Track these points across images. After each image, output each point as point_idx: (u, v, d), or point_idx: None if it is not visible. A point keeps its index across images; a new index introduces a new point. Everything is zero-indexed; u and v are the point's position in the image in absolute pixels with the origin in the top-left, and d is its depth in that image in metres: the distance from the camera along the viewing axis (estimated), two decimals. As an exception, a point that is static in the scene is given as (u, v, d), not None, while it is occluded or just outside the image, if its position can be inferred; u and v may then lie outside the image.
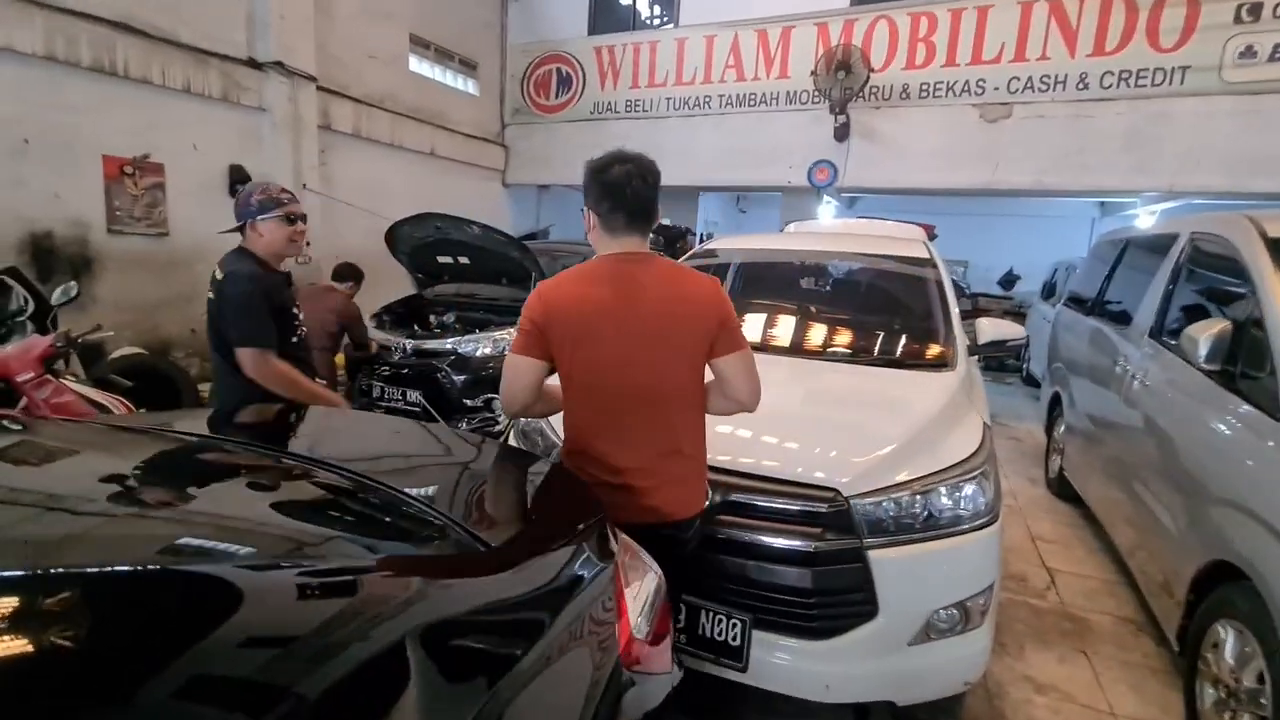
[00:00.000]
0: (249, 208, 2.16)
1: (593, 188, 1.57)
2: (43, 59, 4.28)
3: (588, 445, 1.60)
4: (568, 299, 1.53)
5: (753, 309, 3.48)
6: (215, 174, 5.44)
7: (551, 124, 8.80)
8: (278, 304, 2.16)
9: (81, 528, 0.97)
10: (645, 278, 1.54)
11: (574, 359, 1.54)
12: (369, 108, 6.78)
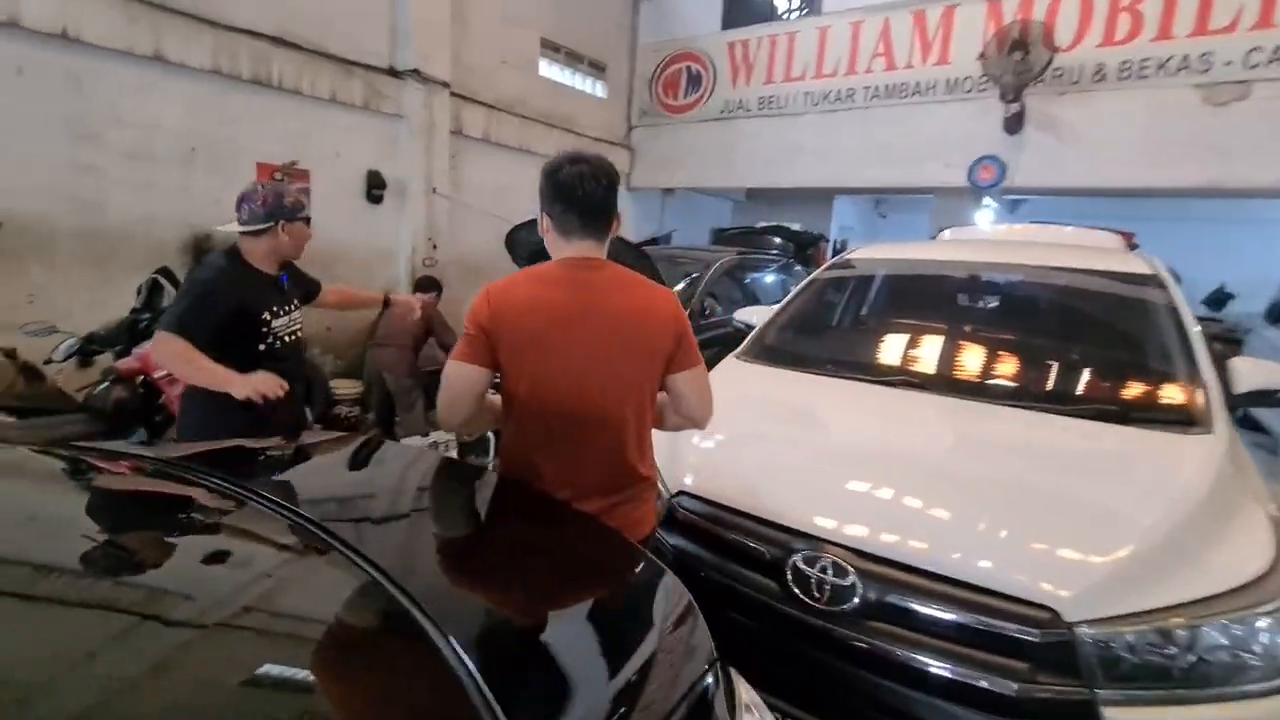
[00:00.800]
0: (283, 208, 2.17)
1: (546, 188, 1.45)
2: (209, 73, 4.59)
3: (532, 465, 1.48)
4: (518, 303, 1.42)
5: (899, 331, 2.90)
6: (354, 179, 5.65)
7: (679, 125, 8.48)
8: (245, 305, 2.10)
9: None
10: (601, 285, 1.44)
11: (521, 369, 1.43)
12: (499, 113, 6.83)
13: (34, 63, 3.88)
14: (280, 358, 2.20)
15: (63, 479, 1.29)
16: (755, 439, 2.09)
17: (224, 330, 2.05)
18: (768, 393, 2.48)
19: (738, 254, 6.24)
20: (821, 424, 2.22)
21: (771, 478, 1.83)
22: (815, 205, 10.12)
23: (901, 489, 1.71)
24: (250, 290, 2.14)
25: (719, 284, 5.81)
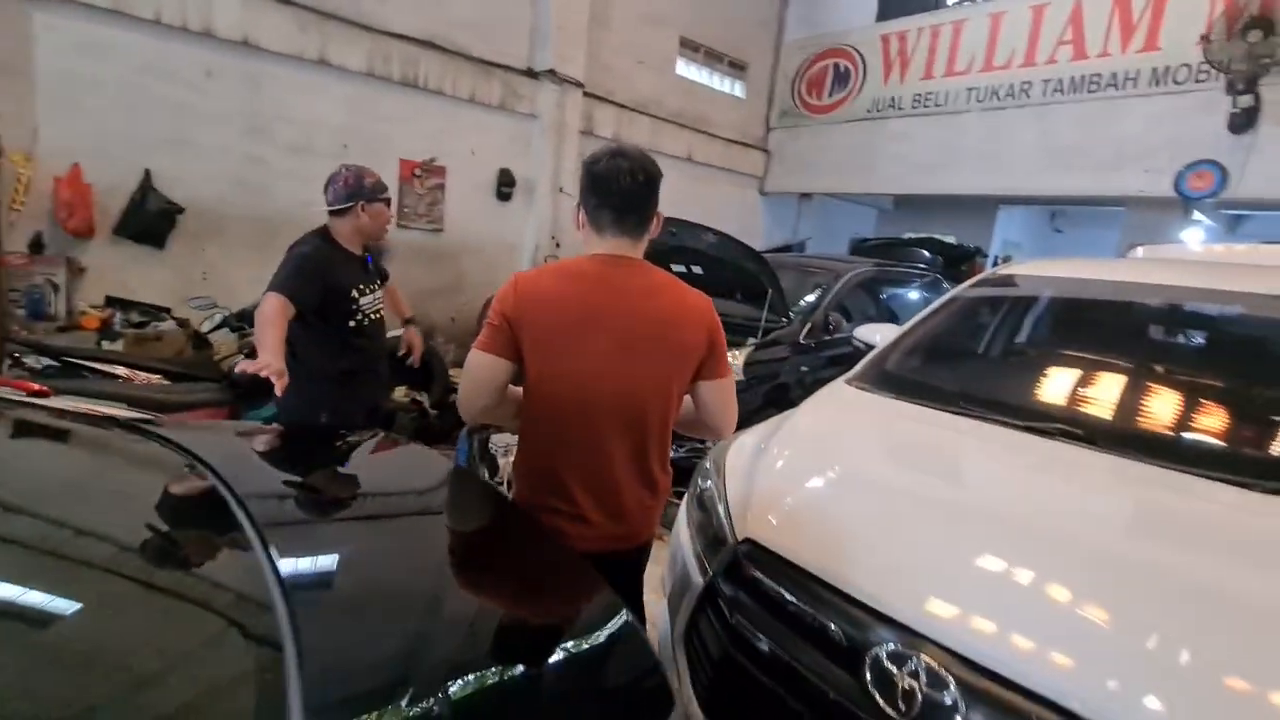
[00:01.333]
0: (363, 188, 2.23)
1: (583, 181, 1.41)
2: (364, 75, 4.94)
3: (549, 462, 1.42)
4: (546, 295, 1.37)
5: (1065, 365, 2.35)
6: (487, 177, 5.85)
7: (820, 125, 7.95)
8: (338, 280, 2.19)
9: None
10: (633, 284, 1.39)
11: (542, 363, 1.37)
12: (630, 113, 6.78)
13: (220, 66, 4.37)
14: (367, 335, 2.32)
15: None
16: (854, 487, 1.72)
17: (324, 304, 2.15)
18: (880, 430, 2.08)
19: (874, 265, 5.67)
20: (944, 477, 1.80)
21: (866, 540, 1.47)
22: (974, 216, 9.05)
23: (1043, 579, 1.29)
24: (341, 267, 2.23)
25: (851, 298, 5.30)
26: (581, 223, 1.44)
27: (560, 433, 1.40)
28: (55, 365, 3.10)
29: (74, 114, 3.93)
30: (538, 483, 1.45)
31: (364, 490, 1.44)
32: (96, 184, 4.00)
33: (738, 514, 1.65)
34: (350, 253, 2.30)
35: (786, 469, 1.83)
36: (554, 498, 1.42)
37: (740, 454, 1.95)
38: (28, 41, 3.74)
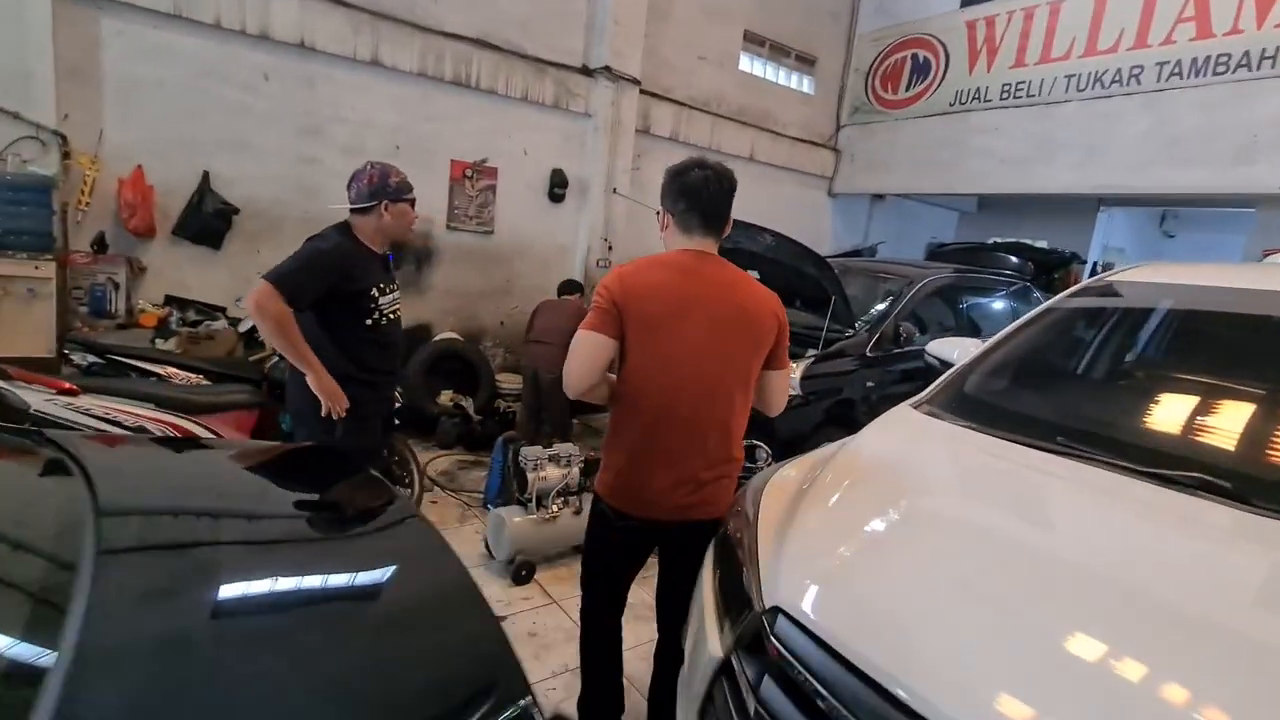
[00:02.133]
0: (388, 188, 2.16)
1: (671, 188, 1.61)
2: (416, 76, 4.89)
3: (647, 439, 1.60)
4: (648, 284, 1.56)
5: (1192, 394, 1.90)
6: (539, 178, 5.71)
7: (896, 121, 7.40)
8: (357, 278, 2.11)
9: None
10: (720, 276, 1.61)
11: (645, 346, 1.56)
12: (690, 110, 6.50)
13: (277, 69, 4.41)
14: (384, 334, 2.23)
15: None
16: (918, 548, 1.37)
17: (334, 301, 2.07)
18: (954, 470, 1.71)
19: (954, 271, 5.14)
20: (1038, 540, 1.42)
21: (932, 624, 1.13)
22: (1071, 218, 8.21)
23: (1162, 675, 0.93)
24: (360, 264, 2.14)
25: (926, 307, 4.82)
26: (666, 224, 1.65)
27: (657, 407, 1.58)
28: (100, 362, 3.12)
29: (137, 117, 4.03)
30: (633, 455, 1.63)
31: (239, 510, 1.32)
32: (157, 185, 4.09)
33: (768, 571, 1.34)
34: (371, 251, 2.22)
35: (833, 518, 1.50)
36: (647, 469, 1.61)
37: (780, 491, 1.63)
38: (96, 47, 3.86)
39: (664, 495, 1.62)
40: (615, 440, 1.69)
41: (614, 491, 1.70)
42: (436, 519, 3.65)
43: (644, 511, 1.65)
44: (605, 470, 1.72)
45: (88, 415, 2.59)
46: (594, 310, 1.57)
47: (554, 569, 3.21)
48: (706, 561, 1.67)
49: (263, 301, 1.95)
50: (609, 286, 1.56)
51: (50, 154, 3.74)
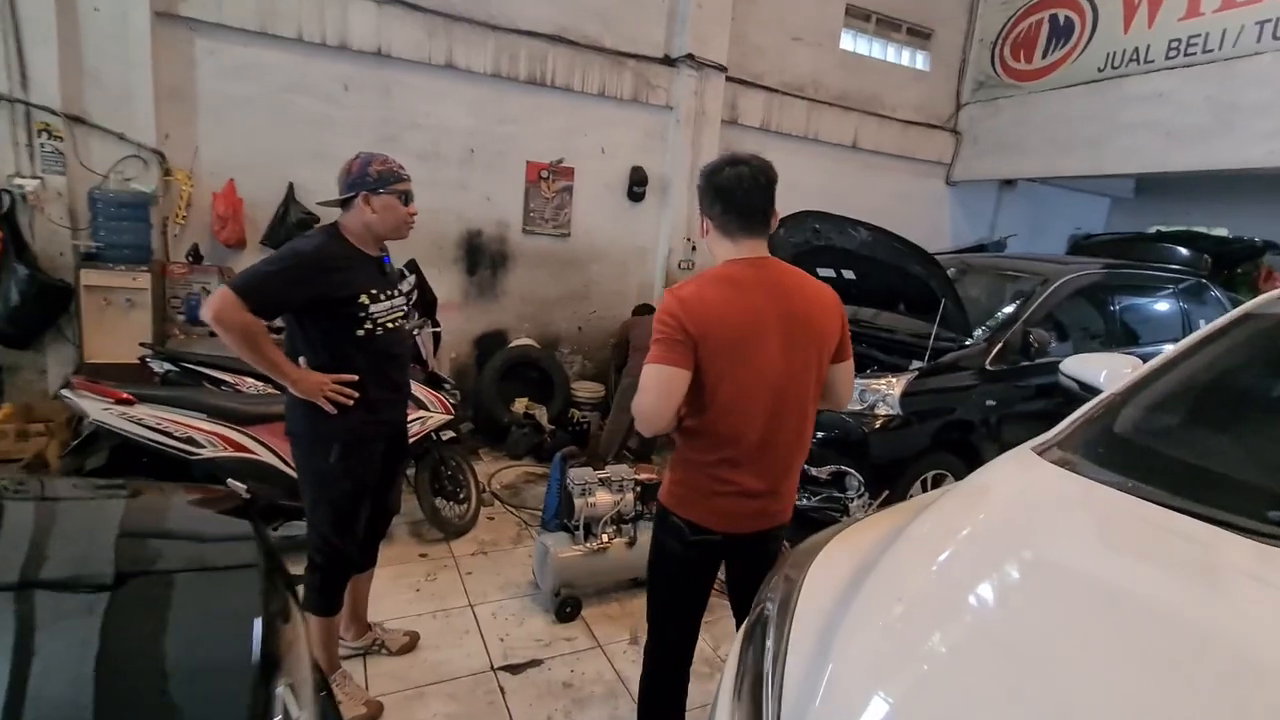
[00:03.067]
0: (366, 178, 1.91)
1: (706, 192, 1.55)
2: (490, 77, 4.78)
3: (729, 457, 1.55)
4: (716, 306, 1.48)
5: None
6: (617, 177, 5.44)
7: (1030, 95, 6.41)
8: (339, 284, 1.86)
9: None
10: (782, 282, 1.54)
11: (722, 370, 1.49)
12: (783, 96, 5.95)
13: (355, 78, 4.45)
14: (380, 346, 1.99)
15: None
16: (1034, 704, 0.89)
17: (318, 310, 1.87)
18: (1099, 563, 1.17)
19: (1103, 267, 4.27)
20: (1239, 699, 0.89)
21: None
22: (1261, 201, 6.76)
23: None
24: (347, 269, 1.90)
25: (1066, 311, 4.01)
26: (706, 230, 1.58)
27: (737, 426, 1.52)
28: (176, 370, 3.19)
29: (228, 133, 4.19)
30: (714, 477, 1.56)
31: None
32: (246, 198, 4.23)
33: (793, 711, 0.92)
34: (361, 252, 1.97)
35: (897, 635, 1.04)
36: (731, 483, 1.56)
37: (826, 582, 1.19)
38: (191, 66, 4.05)
39: (745, 510, 1.59)
40: (690, 463, 1.61)
41: (689, 505, 1.61)
42: (491, 537, 3.46)
43: (725, 525, 1.59)
44: (678, 485, 1.64)
45: (140, 425, 2.61)
46: (661, 341, 1.45)
47: (603, 605, 2.89)
48: (736, 639, 1.30)
49: (222, 312, 1.73)
50: (674, 314, 1.45)
51: (151, 171, 3.96)
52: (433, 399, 3.25)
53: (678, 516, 1.61)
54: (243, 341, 1.78)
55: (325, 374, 1.91)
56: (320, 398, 1.90)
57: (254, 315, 1.78)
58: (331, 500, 2.02)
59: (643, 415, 1.49)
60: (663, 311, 1.47)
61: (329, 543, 2.05)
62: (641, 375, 1.48)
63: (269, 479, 2.76)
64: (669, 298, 1.48)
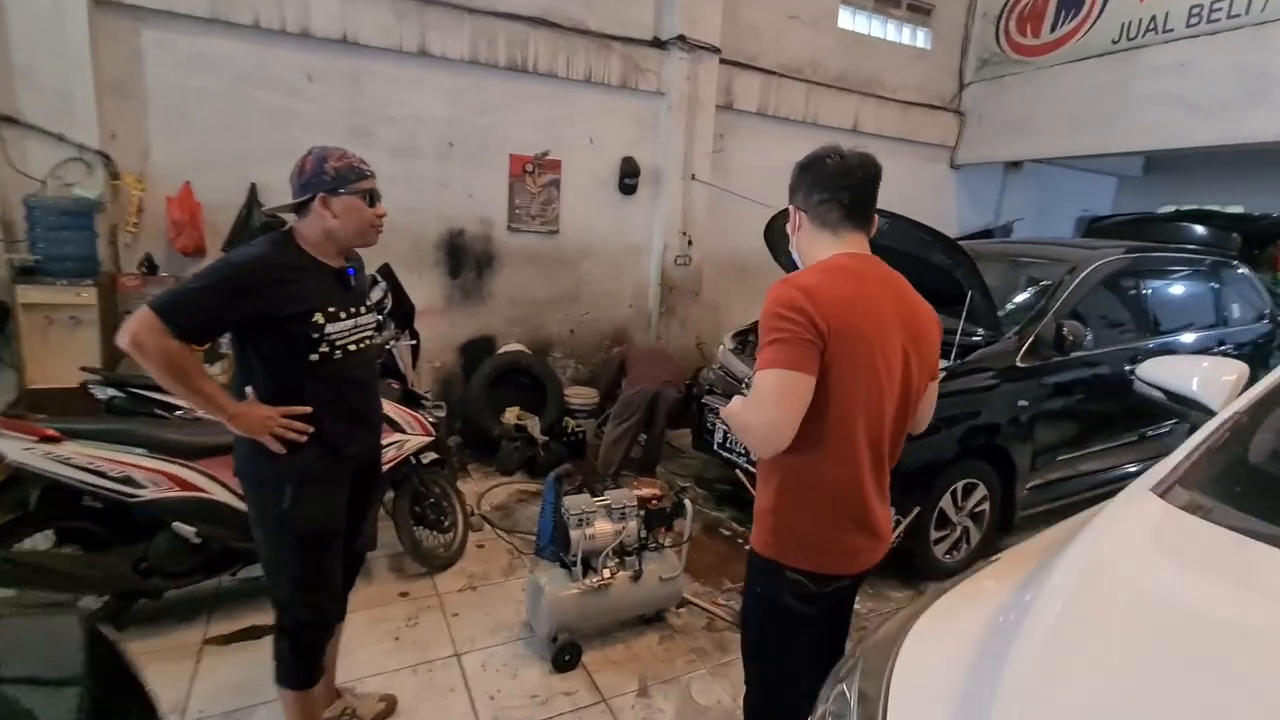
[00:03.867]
0: (322, 177, 1.60)
1: (803, 180, 1.39)
2: (468, 64, 4.43)
3: (849, 482, 1.32)
4: (844, 301, 1.25)
5: None
6: (607, 168, 5.10)
7: (1038, 71, 6.10)
8: (286, 300, 1.56)
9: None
10: (890, 281, 1.37)
11: (846, 376, 1.25)
12: (780, 79, 5.62)
13: (320, 68, 4.09)
14: (338, 373, 1.69)
15: None
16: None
17: (263, 331, 1.57)
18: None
19: (1127, 251, 3.96)
20: None
21: None
22: (1276, 176, 6.49)
23: None
24: (296, 282, 1.60)
25: (1096, 299, 3.70)
26: (799, 225, 1.41)
27: (858, 452, 1.30)
28: (122, 396, 2.85)
29: (182, 131, 3.84)
30: (833, 504, 1.34)
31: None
32: (205, 201, 3.89)
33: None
34: (317, 262, 1.66)
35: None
36: (852, 517, 1.34)
37: (920, 693, 0.87)
38: (138, 59, 3.69)
39: (868, 545, 1.39)
40: (802, 497, 1.36)
41: (810, 551, 1.36)
42: (480, 568, 3.13)
43: (858, 565, 1.39)
44: (789, 528, 1.37)
45: (67, 465, 2.26)
46: (782, 341, 1.20)
47: (606, 648, 2.57)
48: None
49: (140, 336, 1.45)
50: (798, 306, 1.21)
51: (96, 175, 3.61)
52: (410, 419, 2.91)
53: (797, 570, 1.35)
54: (166, 372, 1.49)
55: (272, 406, 1.61)
56: (266, 435, 1.60)
57: (180, 340, 1.48)
58: (292, 552, 1.71)
59: (760, 433, 1.24)
60: (781, 304, 1.23)
61: (298, 602, 1.75)
62: (756, 384, 1.22)
63: (223, 520, 2.42)
64: (787, 288, 1.25)
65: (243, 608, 2.66)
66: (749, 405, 1.26)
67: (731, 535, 3.67)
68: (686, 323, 5.49)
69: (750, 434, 1.28)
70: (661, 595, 2.66)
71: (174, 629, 2.52)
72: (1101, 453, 3.79)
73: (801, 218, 1.40)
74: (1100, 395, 3.66)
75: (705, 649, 2.62)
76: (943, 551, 3.26)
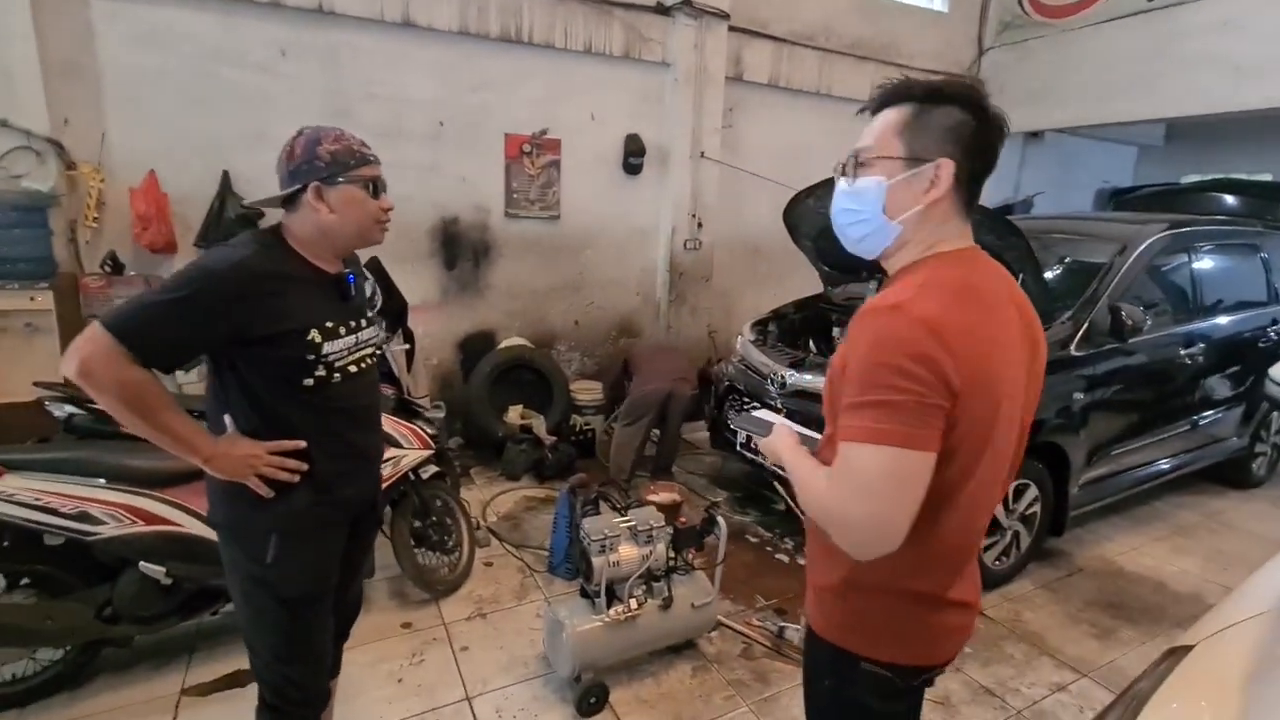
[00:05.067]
0: (315, 164, 1.32)
1: (959, 132, 0.92)
2: (457, 35, 4.06)
3: (961, 550, 1.02)
4: (974, 340, 0.87)
5: None
6: (610, 147, 4.75)
7: (1065, 33, 5.74)
8: (272, 315, 1.27)
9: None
10: (1014, 295, 0.99)
11: (969, 447, 0.90)
12: (792, 47, 5.25)
13: (294, 43, 3.72)
14: (337, 400, 1.40)
15: None
16: None
17: (243, 352, 1.29)
18: None
19: (1173, 226, 3.65)
20: None
21: None
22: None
23: None
24: (282, 294, 1.31)
25: (1145, 280, 3.41)
26: (934, 189, 0.93)
27: (977, 526, 1.02)
28: (83, 413, 2.54)
29: (144, 115, 3.47)
30: (936, 589, 1.02)
31: None
32: (173, 192, 3.53)
33: None
34: (311, 267, 1.38)
35: None
36: (959, 592, 1.04)
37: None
38: (90, 36, 3.31)
39: (967, 625, 1.09)
40: (891, 584, 1.02)
41: (897, 640, 1.04)
42: (489, 591, 2.86)
43: (948, 653, 1.08)
44: (860, 614, 1.05)
45: (11, 503, 1.96)
46: (902, 406, 0.83)
47: (634, 684, 2.30)
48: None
49: (91, 362, 1.16)
50: (932, 357, 0.83)
51: (48, 165, 3.25)
52: (406, 433, 2.61)
53: (878, 663, 1.04)
54: (124, 406, 1.20)
55: (256, 441, 1.33)
56: (250, 477, 1.32)
57: (142, 367, 1.20)
58: (274, 617, 1.43)
59: (861, 533, 0.88)
60: (902, 351, 0.84)
61: (281, 676, 1.47)
62: (853, 463, 0.86)
63: (196, 557, 2.13)
64: (908, 324, 0.85)
65: (226, 647, 2.38)
66: (841, 489, 0.89)
67: (760, 542, 3.40)
68: (697, 310, 5.18)
69: (844, 529, 0.90)
70: (695, 623, 2.39)
71: (147, 679, 2.23)
72: (1155, 444, 3.53)
73: (942, 180, 0.93)
74: (1155, 382, 3.40)
75: (744, 680, 2.36)
76: (992, 559, 2.99)
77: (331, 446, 1.41)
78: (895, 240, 0.97)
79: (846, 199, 1.01)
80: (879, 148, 0.96)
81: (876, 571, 0.98)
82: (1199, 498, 4.16)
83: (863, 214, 0.98)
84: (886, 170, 0.95)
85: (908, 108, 0.94)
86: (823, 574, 1.08)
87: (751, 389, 3.54)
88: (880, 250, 1.00)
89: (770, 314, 4.16)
